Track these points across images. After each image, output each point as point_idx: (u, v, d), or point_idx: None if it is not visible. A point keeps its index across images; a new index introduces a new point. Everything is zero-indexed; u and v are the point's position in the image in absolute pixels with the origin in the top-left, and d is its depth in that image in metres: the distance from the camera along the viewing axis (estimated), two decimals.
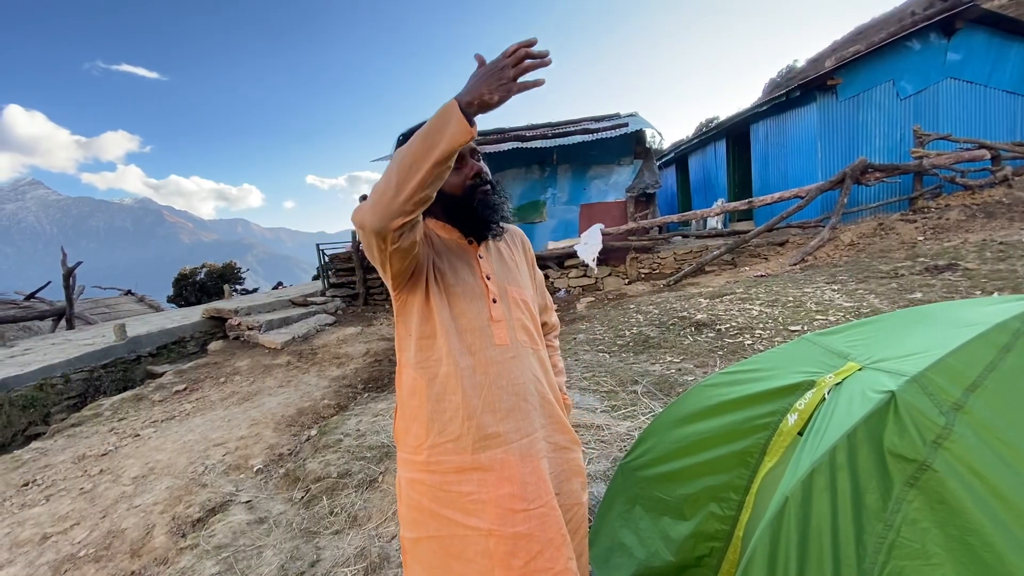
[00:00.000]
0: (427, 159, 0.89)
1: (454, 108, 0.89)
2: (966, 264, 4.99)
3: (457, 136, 0.88)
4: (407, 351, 1.16)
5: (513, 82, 0.91)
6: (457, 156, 1.13)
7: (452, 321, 1.13)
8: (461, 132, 0.88)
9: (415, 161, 0.90)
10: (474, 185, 1.17)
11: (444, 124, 0.89)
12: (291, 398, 4.91)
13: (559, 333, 1.55)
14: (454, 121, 0.89)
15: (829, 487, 0.94)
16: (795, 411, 1.24)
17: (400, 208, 0.92)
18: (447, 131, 0.89)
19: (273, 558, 2.29)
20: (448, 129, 0.89)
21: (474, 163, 1.18)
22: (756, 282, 6.28)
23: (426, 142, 0.89)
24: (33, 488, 3.55)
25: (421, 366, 1.13)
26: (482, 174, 1.18)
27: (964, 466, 0.87)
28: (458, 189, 1.17)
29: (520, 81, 0.92)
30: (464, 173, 1.17)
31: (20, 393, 5.62)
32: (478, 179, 1.17)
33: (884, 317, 1.46)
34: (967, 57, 9.23)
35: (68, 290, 11.90)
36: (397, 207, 0.92)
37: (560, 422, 1.23)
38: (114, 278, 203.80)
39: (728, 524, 1.37)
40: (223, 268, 18.85)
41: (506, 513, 1.05)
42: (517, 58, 0.90)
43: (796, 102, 9.48)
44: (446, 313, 1.13)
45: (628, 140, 9.74)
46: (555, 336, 1.51)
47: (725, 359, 3.86)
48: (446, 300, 1.14)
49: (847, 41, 19.98)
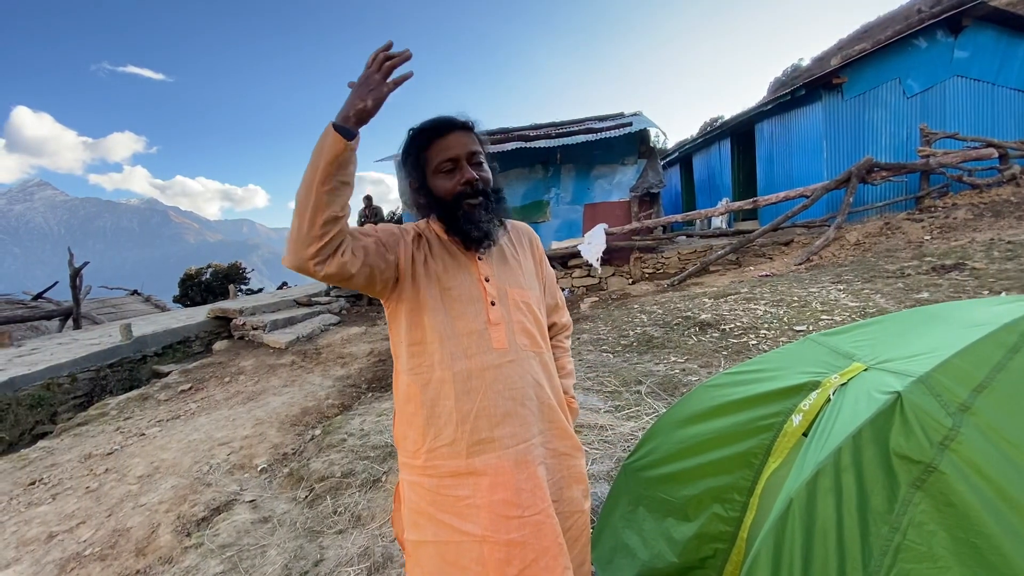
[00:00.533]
0: (313, 181, 0.93)
1: (327, 127, 0.94)
2: (973, 263, 4.95)
3: (329, 149, 0.92)
4: (400, 357, 1.15)
5: (383, 83, 0.96)
6: (452, 161, 1.12)
7: (448, 324, 1.10)
8: (332, 144, 0.92)
9: (306, 187, 0.94)
10: (461, 194, 1.12)
11: (321, 143, 0.94)
12: (295, 398, 4.93)
13: (570, 334, 1.50)
14: (328, 138, 0.93)
15: (834, 488, 0.93)
16: (800, 412, 1.23)
17: (308, 236, 0.94)
18: (324, 149, 0.93)
19: (277, 557, 2.30)
20: (323, 146, 0.93)
21: (467, 172, 1.12)
22: (761, 282, 6.25)
23: (310, 165, 0.94)
24: (40, 487, 3.58)
25: (414, 372, 1.12)
26: (473, 183, 1.12)
27: (971, 468, 0.86)
28: (447, 196, 1.13)
29: (389, 80, 0.97)
30: (455, 180, 1.12)
31: (27, 392, 5.66)
32: (467, 187, 1.12)
33: (890, 317, 1.45)
34: (974, 55, 9.15)
35: (75, 290, 11.98)
36: (304, 235, 0.94)
37: (561, 428, 1.20)
38: (120, 278, 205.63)
39: (732, 525, 1.36)
40: (228, 268, 18.93)
41: (499, 519, 1.03)
42: (379, 63, 0.96)
43: (801, 101, 9.43)
44: (441, 316, 1.11)
45: (632, 140, 9.71)
46: (565, 337, 1.45)
47: (729, 359, 3.84)
48: (441, 303, 1.11)
49: (853, 39, 19.85)
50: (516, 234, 1.32)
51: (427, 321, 1.11)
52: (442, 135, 1.13)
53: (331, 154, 0.92)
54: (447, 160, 1.12)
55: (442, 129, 1.14)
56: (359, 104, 0.95)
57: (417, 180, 1.18)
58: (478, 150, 1.16)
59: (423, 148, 1.15)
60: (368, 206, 11.67)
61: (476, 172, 1.13)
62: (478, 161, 1.15)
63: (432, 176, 1.14)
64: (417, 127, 1.17)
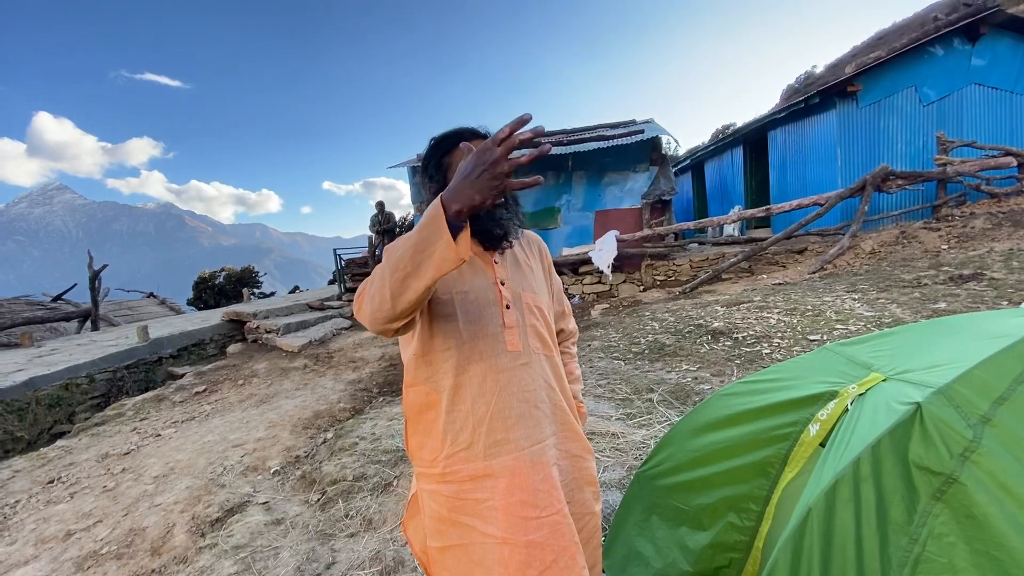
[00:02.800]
0: (417, 280, 0.86)
1: (441, 225, 0.82)
2: (992, 273, 4.88)
3: (445, 264, 0.83)
4: (413, 369, 1.17)
5: (507, 178, 0.82)
6: None
7: (464, 328, 1.12)
8: (449, 260, 0.83)
9: (400, 277, 0.86)
10: None
11: (432, 241, 0.83)
12: (307, 401, 4.97)
13: (576, 340, 1.54)
14: (441, 245, 0.82)
15: (853, 499, 0.93)
16: (817, 421, 1.23)
17: (393, 314, 0.91)
18: (435, 254, 0.83)
19: (290, 559, 2.32)
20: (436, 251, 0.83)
21: None
22: (774, 290, 6.20)
23: (410, 258, 0.85)
24: (58, 485, 3.64)
25: (431, 380, 1.13)
26: None
27: (992, 480, 0.85)
28: None
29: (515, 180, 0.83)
30: None
31: (46, 392, 5.77)
32: None
33: (908, 328, 1.44)
34: (992, 63, 9.05)
35: (94, 292, 12.21)
36: (389, 314, 0.91)
37: (573, 430, 1.22)
38: (136, 281, 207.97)
39: (747, 535, 1.35)
40: (241, 272, 19.18)
41: (517, 521, 1.04)
42: (508, 148, 0.80)
43: (815, 108, 9.37)
44: (456, 321, 1.12)
45: (644, 147, 9.71)
46: (572, 343, 1.49)
47: (742, 368, 3.82)
48: (456, 307, 1.13)
49: (868, 47, 19.71)
50: (527, 242, 1.36)
51: (443, 327, 1.12)
52: (466, 140, 1.16)
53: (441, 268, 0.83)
54: None
55: (465, 135, 1.18)
56: (476, 201, 0.82)
57: (439, 183, 1.20)
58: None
59: (446, 153, 1.19)
60: (381, 212, 11.78)
61: None
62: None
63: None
64: (440, 135, 1.21)
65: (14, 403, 5.45)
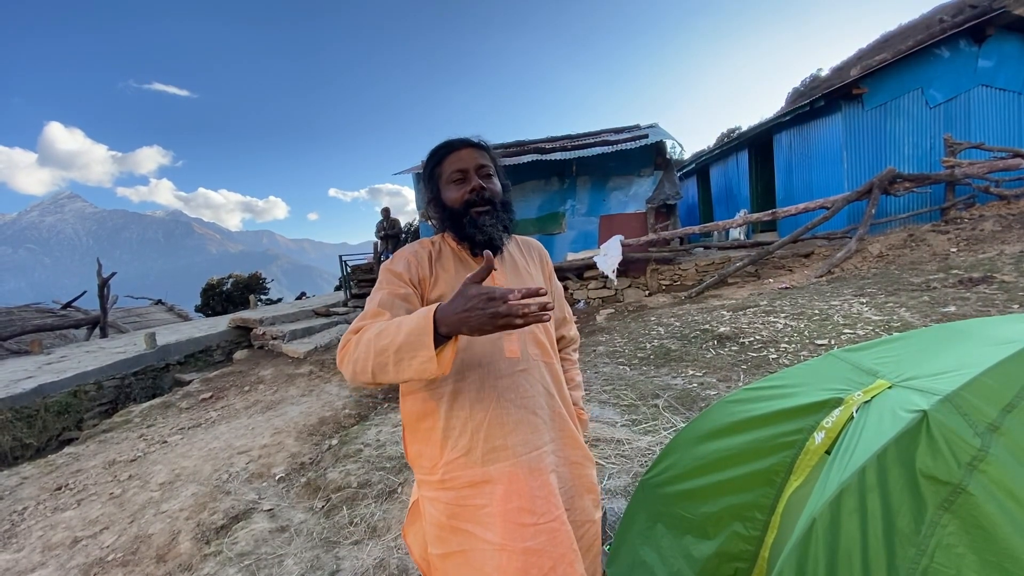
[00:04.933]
0: (396, 375, 0.93)
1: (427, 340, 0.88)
2: (1002, 276, 4.82)
3: (424, 373, 0.91)
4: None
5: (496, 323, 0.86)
6: (462, 172, 1.18)
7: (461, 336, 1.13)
8: (428, 372, 0.90)
9: (386, 366, 0.93)
10: (469, 202, 1.17)
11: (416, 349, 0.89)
12: (313, 407, 4.98)
13: (578, 347, 1.54)
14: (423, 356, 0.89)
15: (859, 509, 0.91)
16: (822, 429, 1.21)
17: (377, 384, 1.00)
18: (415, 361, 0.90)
19: (294, 567, 2.31)
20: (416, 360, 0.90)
21: (474, 180, 1.17)
22: (781, 294, 6.15)
23: (397, 356, 0.91)
24: (65, 492, 3.66)
25: (429, 387, 1.14)
26: (480, 191, 1.17)
27: (1001, 490, 0.83)
28: (456, 203, 1.18)
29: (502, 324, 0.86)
30: (464, 189, 1.18)
31: (55, 399, 5.82)
32: (475, 195, 1.17)
33: (915, 333, 1.42)
34: (999, 64, 8.98)
35: (103, 299, 12.32)
36: (374, 384, 0.99)
37: (572, 437, 1.22)
38: (145, 287, 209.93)
39: (753, 544, 1.33)
40: (249, 278, 19.30)
41: (515, 527, 1.04)
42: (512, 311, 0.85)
43: (820, 111, 9.34)
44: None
45: (648, 151, 9.70)
46: (573, 350, 1.49)
47: (749, 373, 3.78)
48: None
49: (873, 49, 19.61)
50: (527, 248, 1.37)
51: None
52: (455, 150, 1.21)
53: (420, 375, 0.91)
54: (457, 171, 1.19)
55: (455, 145, 1.22)
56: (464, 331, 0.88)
57: (431, 192, 1.25)
58: (487, 164, 1.22)
59: (437, 163, 1.23)
60: (386, 218, 11.85)
61: (484, 183, 1.19)
62: (487, 174, 1.22)
63: (444, 187, 1.21)
64: (435, 146, 1.24)
65: (23, 410, 5.50)
